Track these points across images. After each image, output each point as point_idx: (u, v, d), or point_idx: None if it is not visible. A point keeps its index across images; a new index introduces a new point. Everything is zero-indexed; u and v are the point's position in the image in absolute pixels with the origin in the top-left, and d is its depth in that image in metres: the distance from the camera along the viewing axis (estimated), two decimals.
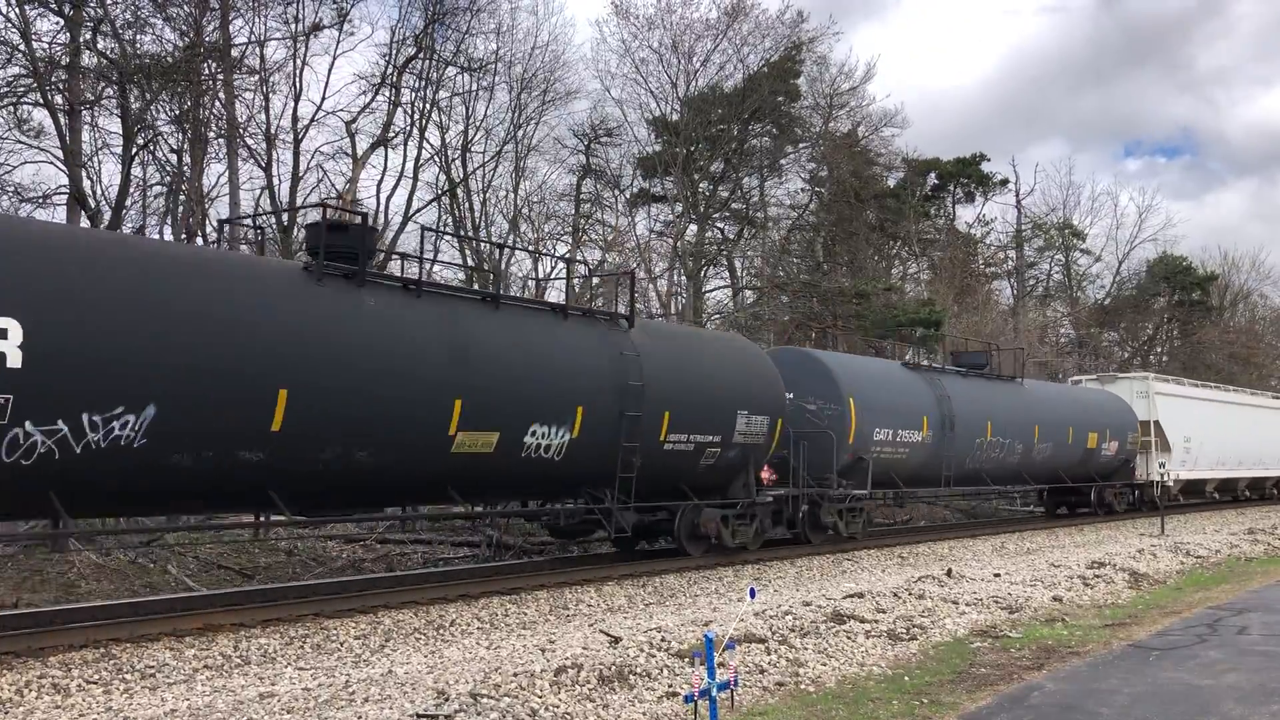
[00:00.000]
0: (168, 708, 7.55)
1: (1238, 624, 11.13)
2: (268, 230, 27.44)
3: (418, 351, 11.93)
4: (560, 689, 7.59)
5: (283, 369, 10.58)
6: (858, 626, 10.38)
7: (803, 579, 15.56)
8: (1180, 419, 31.51)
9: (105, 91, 23.50)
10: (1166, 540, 20.63)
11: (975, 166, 50.37)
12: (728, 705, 7.29)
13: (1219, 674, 8.59)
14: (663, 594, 13.89)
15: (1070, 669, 8.86)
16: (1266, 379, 57.04)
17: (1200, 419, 32.68)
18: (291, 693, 7.78)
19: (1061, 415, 26.48)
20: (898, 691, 8.07)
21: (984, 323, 40.98)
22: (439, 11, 30.33)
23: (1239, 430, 35.18)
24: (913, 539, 21.96)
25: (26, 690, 8.14)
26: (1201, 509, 34.14)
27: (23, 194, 23.19)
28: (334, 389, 10.99)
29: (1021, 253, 54.52)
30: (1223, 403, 35.77)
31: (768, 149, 41.83)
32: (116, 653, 9.40)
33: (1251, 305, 65.78)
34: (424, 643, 10.45)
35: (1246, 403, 38.21)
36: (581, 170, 39.04)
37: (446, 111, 32.70)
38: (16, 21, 21.41)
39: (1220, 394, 36.58)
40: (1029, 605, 12.34)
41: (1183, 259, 57.00)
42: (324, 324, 11.17)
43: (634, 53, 38.81)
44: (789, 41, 40.13)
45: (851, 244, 42.78)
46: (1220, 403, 35.55)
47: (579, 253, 37.14)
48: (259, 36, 26.73)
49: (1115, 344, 56.40)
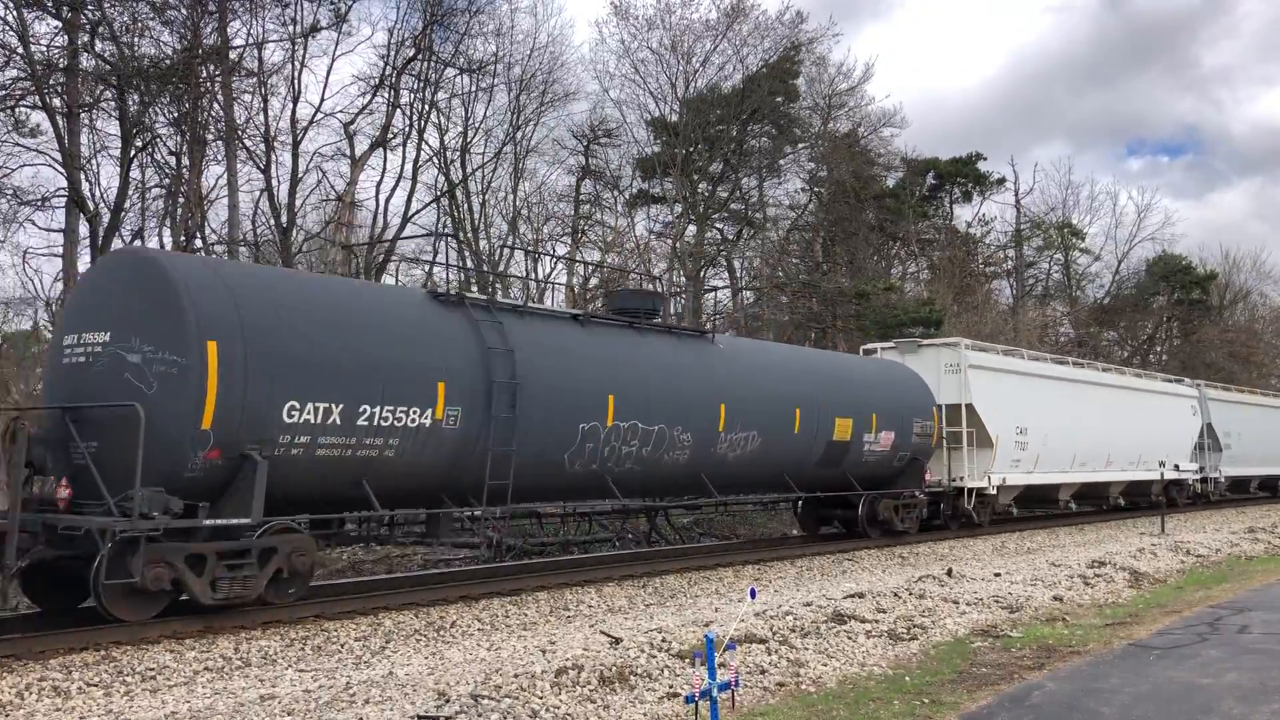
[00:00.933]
0: (168, 710, 7.54)
1: (1238, 623, 11.13)
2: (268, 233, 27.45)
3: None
4: (561, 690, 7.59)
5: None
6: (858, 626, 10.38)
7: (803, 579, 15.56)
8: (1010, 403, 23.46)
9: (103, 94, 23.52)
10: (1167, 539, 20.65)
11: (972, 166, 50.41)
12: (728, 706, 7.29)
13: (1220, 673, 8.59)
14: (663, 595, 13.89)
15: (1071, 668, 8.86)
16: (1267, 378, 57.07)
17: (1043, 404, 24.71)
18: (292, 694, 7.78)
19: (782, 392, 17.59)
20: (898, 691, 8.07)
21: (983, 322, 40.98)
22: (438, 13, 30.36)
23: (1107, 418, 27.24)
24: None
25: (27, 693, 8.13)
26: (1212, 509, 33.84)
27: (21, 196, 23.23)
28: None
29: (1021, 252, 54.56)
30: (1078, 382, 27.29)
31: (767, 149, 41.86)
32: (117, 655, 9.39)
33: (1251, 305, 65.88)
34: (424, 644, 10.45)
35: (1117, 384, 29.76)
36: (581, 171, 39.10)
37: (445, 113, 32.78)
38: (15, 24, 21.41)
39: (1074, 371, 27.98)
40: (1029, 604, 12.34)
41: (1182, 258, 57.10)
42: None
43: (633, 53, 38.89)
44: (788, 42, 40.20)
45: (851, 244, 42.80)
46: (1075, 382, 27.10)
47: (578, 253, 37.17)
48: (257, 38, 26.76)
49: (1114, 343, 56.42)
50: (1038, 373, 25.82)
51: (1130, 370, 33.46)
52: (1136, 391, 30.28)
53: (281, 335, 11.04)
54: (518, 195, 35.57)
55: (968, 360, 22.62)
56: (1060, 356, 29.49)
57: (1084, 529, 25.34)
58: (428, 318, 12.89)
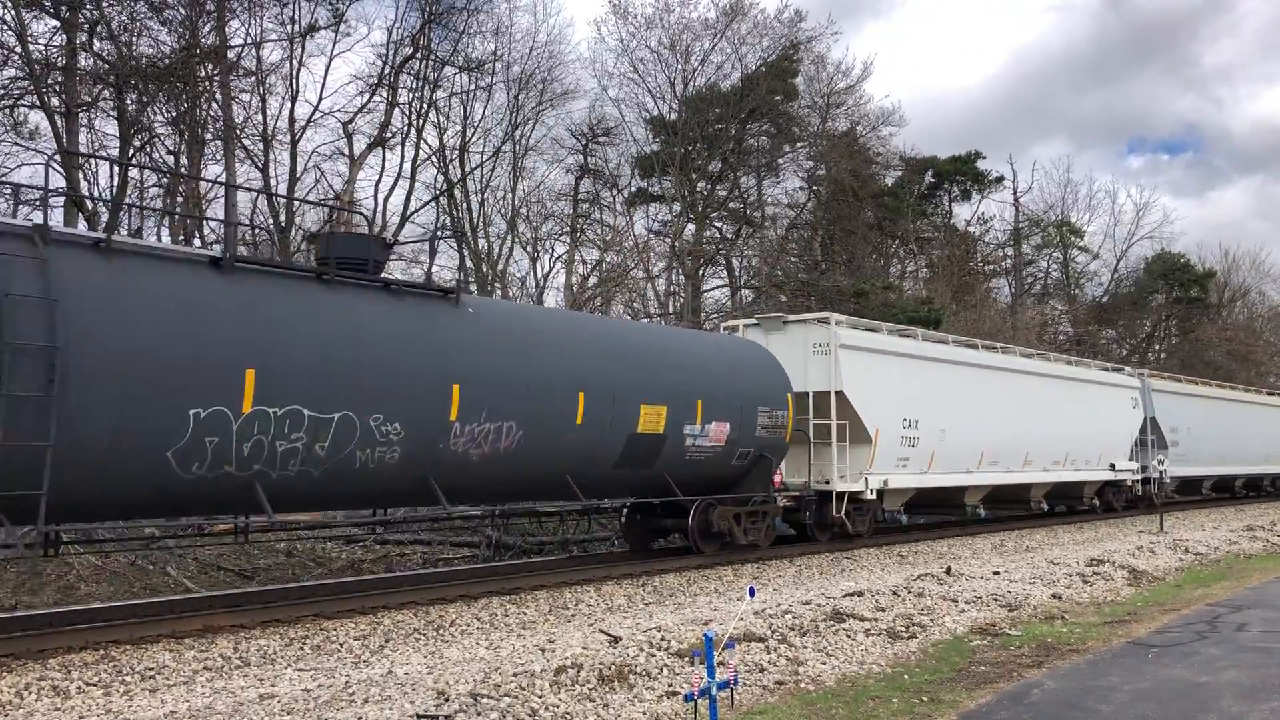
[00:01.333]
0: (167, 709, 7.54)
1: (1237, 621, 11.13)
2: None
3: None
4: (560, 689, 7.59)
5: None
6: (857, 625, 10.38)
7: (802, 578, 15.56)
8: (895, 391, 19.76)
9: (102, 94, 23.52)
10: (1166, 537, 20.66)
11: (971, 165, 50.46)
12: (727, 704, 7.29)
13: (1218, 671, 8.59)
14: (662, 593, 13.88)
15: (1070, 666, 8.86)
16: (1265, 376, 57.11)
17: (940, 393, 21.01)
18: (291, 694, 7.78)
19: (557, 372, 13.74)
20: (897, 690, 8.07)
21: (982, 320, 40.99)
22: (436, 12, 30.37)
23: (1025, 411, 23.86)
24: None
25: (26, 692, 8.13)
26: (1202, 507, 33.72)
27: (20, 196, 23.23)
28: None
29: (1019, 250, 54.59)
30: (987, 368, 23.18)
31: (765, 148, 41.89)
32: (116, 654, 9.39)
33: (1250, 303, 65.95)
34: (424, 643, 10.45)
35: (1039, 371, 25.60)
36: (579, 170, 39.09)
37: (444, 112, 32.79)
38: (13, 24, 21.40)
39: (981, 356, 23.51)
40: (1028, 603, 12.35)
41: (1181, 256, 57.18)
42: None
43: (632, 52, 38.92)
44: (787, 41, 40.24)
45: (849, 242, 42.84)
46: (983, 368, 23.02)
47: (577, 252, 37.17)
48: (255, 38, 26.76)
49: (1113, 341, 56.47)
50: (931, 355, 21.46)
51: (1058, 356, 29.02)
52: (1064, 380, 26.22)
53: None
54: (516, 194, 35.58)
55: (839, 339, 18.76)
56: (968, 339, 24.58)
57: (1082, 528, 25.34)
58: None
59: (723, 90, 39.20)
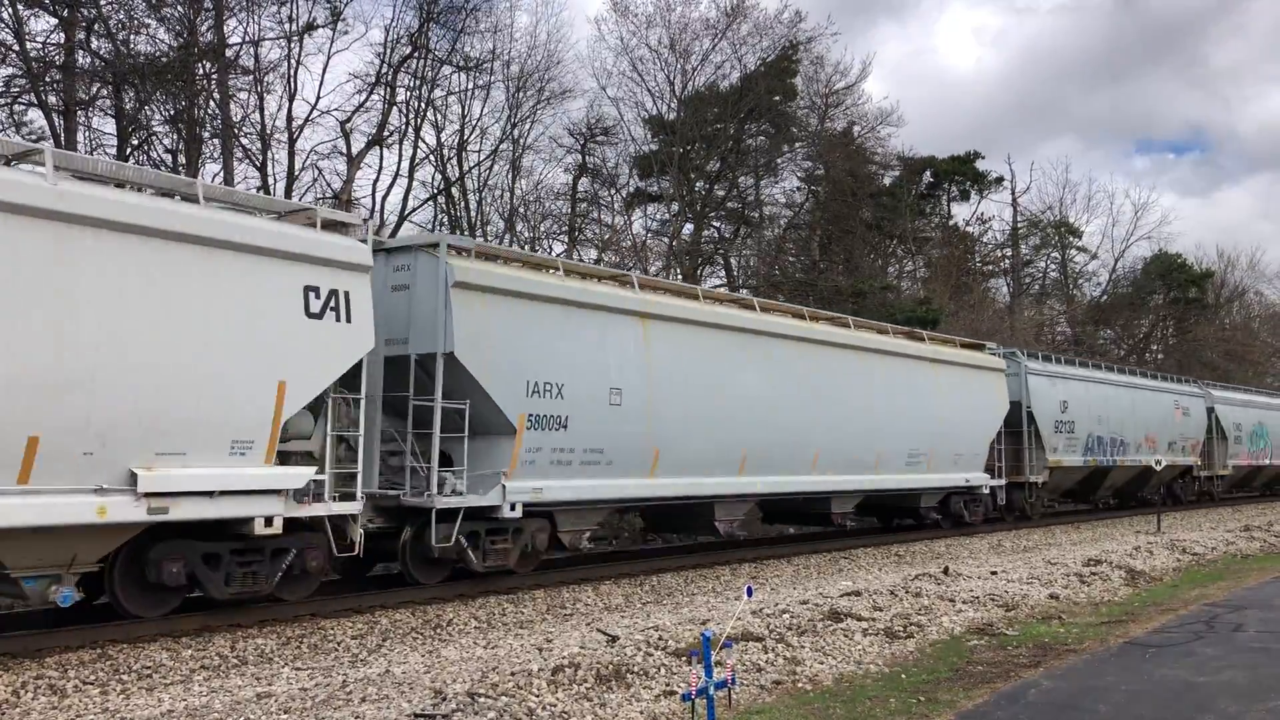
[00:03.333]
0: (164, 708, 7.54)
1: (1234, 621, 11.14)
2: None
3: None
4: (558, 688, 7.59)
5: None
6: (855, 624, 10.38)
7: (800, 577, 15.56)
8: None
9: (100, 92, 23.50)
10: (1163, 538, 20.67)
11: (970, 164, 50.46)
12: (725, 704, 7.29)
13: (1215, 671, 8.60)
14: (660, 593, 13.88)
15: (1067, 666, 8.86)
16: (1262, 376, 57.18)
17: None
18: (289, 693, 7.78)
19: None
20: (895, 689, 8.07)
21: (980, 320, 41.02)
22: (434, 10, 30.35)
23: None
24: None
25: (23, 691, 8.13)
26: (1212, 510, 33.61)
27: None
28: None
29: (1018, 250, 54.62)
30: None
31: (764, 148, 41.88)
32: (113, 653, 9.39)
33: (1247, 303, 66.05)
34: (421, 642, 10.44)
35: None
36: (578, 169, 39.03)
37: (442, 110, 32.73)
38: (10, 21, 21.39)
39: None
40: (1026, 603, 12.35)
41: (1178, 256, 57.19)
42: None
43: (632, 51, 38.86)
44: (786, 41, 40.23)
45: (848, 242, 42.83)
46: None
47: (575, 251, 37.13)
48: (253, 36, 26.73)
49: (1111, 341, 56.52)
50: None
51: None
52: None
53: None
54: (515, 193, 35.54)
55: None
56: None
57: (1080, 528, 25.36)
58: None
59: (722, 90, 39.19)
